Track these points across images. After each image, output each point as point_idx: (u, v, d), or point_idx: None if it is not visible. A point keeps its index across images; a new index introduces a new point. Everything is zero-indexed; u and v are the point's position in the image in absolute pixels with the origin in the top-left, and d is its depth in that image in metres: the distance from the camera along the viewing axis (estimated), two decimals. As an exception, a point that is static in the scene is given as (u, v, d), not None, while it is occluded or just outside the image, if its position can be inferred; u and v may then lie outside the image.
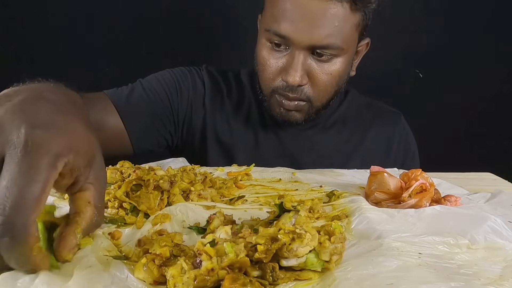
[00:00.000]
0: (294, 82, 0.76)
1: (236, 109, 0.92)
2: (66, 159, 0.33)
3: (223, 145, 0.90)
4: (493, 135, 1.43)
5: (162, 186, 0.48)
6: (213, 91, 0.92)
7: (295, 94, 0.79)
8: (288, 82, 0.77)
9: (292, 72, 0.76)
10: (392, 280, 0.33)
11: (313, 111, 0.83)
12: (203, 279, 0.31)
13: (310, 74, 0.78)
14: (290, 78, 0.76)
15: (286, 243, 0.33)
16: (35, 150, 0.31)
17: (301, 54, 0.76)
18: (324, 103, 0.84)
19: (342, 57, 0.79)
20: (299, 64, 0.76)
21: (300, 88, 0.79)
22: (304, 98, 0.80)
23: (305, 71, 0.77)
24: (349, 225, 0.46)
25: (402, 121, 0.98)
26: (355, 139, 0.94)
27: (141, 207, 0.47)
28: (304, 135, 0.91)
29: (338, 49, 0.76)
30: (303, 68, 0.77)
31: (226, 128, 0.90)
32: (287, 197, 0.54)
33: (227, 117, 0.91)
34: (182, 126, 0.90)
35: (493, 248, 0.40)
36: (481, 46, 1.35)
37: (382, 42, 1.32)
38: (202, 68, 0.95)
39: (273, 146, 0.90)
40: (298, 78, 0.76)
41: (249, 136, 0.91)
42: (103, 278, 0.33)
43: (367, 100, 1.00)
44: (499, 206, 0.52)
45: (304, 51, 0.76)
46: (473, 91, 1.39)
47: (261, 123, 0.91)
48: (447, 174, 0.68)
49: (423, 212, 0.48)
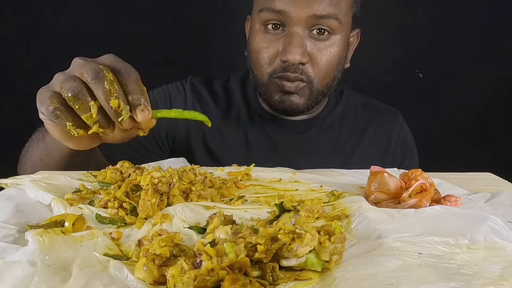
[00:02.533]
0: (295, 60, 0.73)
1: (225, 116, 0.90)
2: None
3: (214, 154, 0.88)
4: (493, 135, 1.43)
5: (161, 189, 0.48)
6: (196, 102, 0.89)
7: (296, 73, 0.76)
8: (288, 60, 0.74)
9: (292, 49, 0.73)
10: (392, 280, 0.33)
11: (313, 96, 0.81)
12: (203, 279, 0.31)
13: (310, 54, 0.76)
14: (290, 56, 0.73)
15: (286, 243, 0.33)
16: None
17: (299, 30, 0.74)
18: (324, 86, 0.81)
19: (339, 36, 0.77)
20: (298, 41, 0.74)
21: (301, 67, 0.76)
22: (305, 79, 0.77)
23: (305, 50, 0.75)
24: (349, 225, 0.46)
25: (400, 119, 0.97)
26: (353, 139, 0.92)
27: (140, 215, 0.46)
28: (300, 138, 0.89)
29: (337, 22, 0.75)
30: (302, 45, 0.74)
31: (215, 137, 0.88)
32: (287, 197, 0.54)
33: (216, 126, 0.88)
34: (168, 143, 0.88)
35: (493, 248, 0.40)
36: (481, 46, 1.36)
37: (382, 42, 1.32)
38: (186, 81, 0.93)
39: (267, 152, 0.88)
40: (299, 55, 0.73)
41: (241, 142, 0.88)
42: (103, 278, 0.33)
43: (364, 99, 0.99)
44: (499, 206, 0.52)
45: (302, 27, 0.74)
46: (473, 91, 1.39)
47: (253, 129, 0.89)
48: (447, 174, 0.68)
49: (423, 212, 0.48)
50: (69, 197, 0.51)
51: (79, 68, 0.49)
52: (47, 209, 0.49)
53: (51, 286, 0.31)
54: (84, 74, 0.49)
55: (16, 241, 0.40)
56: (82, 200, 0.51)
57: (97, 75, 0.48)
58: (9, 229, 0.42)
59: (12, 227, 0.42)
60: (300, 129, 0.89)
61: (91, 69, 0.48)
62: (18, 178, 0.55)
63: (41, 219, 0.45)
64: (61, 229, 0.41)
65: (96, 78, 0.48)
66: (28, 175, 0.57)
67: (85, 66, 0.49)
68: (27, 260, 0.34)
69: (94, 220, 0.46)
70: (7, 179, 0.55)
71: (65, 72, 0.51)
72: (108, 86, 0.48)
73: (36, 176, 0.56)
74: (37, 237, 0.37)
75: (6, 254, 0.37)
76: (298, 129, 0.89)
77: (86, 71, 0.48)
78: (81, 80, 0.49)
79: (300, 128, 0.89)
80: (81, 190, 0.53)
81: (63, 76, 0.50)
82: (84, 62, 0.49)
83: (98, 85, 0.48)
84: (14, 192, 0.52)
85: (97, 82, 0.48)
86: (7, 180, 0.55)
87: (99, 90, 0.48)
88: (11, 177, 0.56)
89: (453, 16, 1.34)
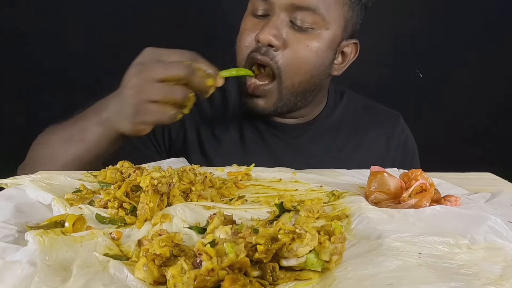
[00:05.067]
0: (265, 39, 0.73)
1: (222, 118, 0.88)
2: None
3: (208, 157, 0.86)
4: (493, 135, 1.43)
5: (161, 189, 0.48)
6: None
7: (266, 56, 0.74)
8: (260, 39, 0.73)
9: (265, 29, 0.73)
10: (392, 280, 0.33)
11: (283, 97, 0.78)
12: (203, 279, 0.31)
13: (286, 41, 0.74)
14: (262, 35, 0.73)
15: (286, 243, 0.33)
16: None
17: (280, 15, 0.74)
18: (296, 84, 0.78)
19: (323, 32, 0.76)
20: (274, 23, 0.73)
21: (272, 53, 0.74)
22: (274, 68, 0.75)
23: (280, 34, 0.74)
24: (349, 225, 0.46)
25: (401, 122, 0.95)
26: (351, 144, 0.90)
27: (139, 218, 0.46)
28: (297, 143, 0.87)
29: (319, 17, 0.74)
30: (278, 28, 0.74)
31: (212, 142, 0.87)
32: (287, 197, 0.54)
33: (212, 130, 0.87)
34: (164, 146, 0.88)
35: (493, 248, 0.40)
36: (481, 47, 1.36)
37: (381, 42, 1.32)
38: None
39: (263, 157, 0.86)
40: (270, 35, 0.73)
41: (237, 147, 0.87)
42: (103, 278, 0.33)
43: (365, 101, 0.97)
44: (499, 206, 0.52)
45: (283, 13, 0.74)
46: (473, 91, 1.39)
47: (250, 132, 0.87)
48: (447, 174, 0.68)
49: (423, 212, 0.48)
50: (69, 197, 0.51)
51: (177, 59, 0.64)
52: (47, 209, 0.49)
53: (51, 286, 0.31)
54: (181, 71, 0.62)
55: (16, 241, 0.40)
56: (82, 200, 0.51)
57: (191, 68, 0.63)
58: (9, 229, 0.42)
59: (12, 227, 0.42)
60: (296, 133, 0.88)
61: (184, 66, 0.63)
62: (18, 178, 0.55)
63: (41, 219, 0.45)
64: (61, 229, 0.41)
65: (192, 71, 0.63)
66: (28, 175, 0.57)
67: (178, 64, 0.63)
68: (27, 260, 0.34)
69: (94, 220, 0.46)
70: (7, 179, 0.55)
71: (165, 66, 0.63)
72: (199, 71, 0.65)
73: (36, 176, 0.56)
74: (37, 237, 0.37)
75: (6, 254, 0.37)
76: (294, 133, 0.88)
77: (182, 68, 0.62)
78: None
79: (296, 132, 0.88)
80: (81, 190, 0.53)
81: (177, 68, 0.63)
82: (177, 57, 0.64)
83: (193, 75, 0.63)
84: (14, 192, 0.52)
85: (192, 74, 0.63)
86: (7, 180, 0.55)
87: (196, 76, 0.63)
88: (11, 177, 0.56)
89: (454, 15, 1.34)
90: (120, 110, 0.66)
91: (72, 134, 0.71)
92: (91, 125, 0.69)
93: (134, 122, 0.65)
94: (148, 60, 0.65)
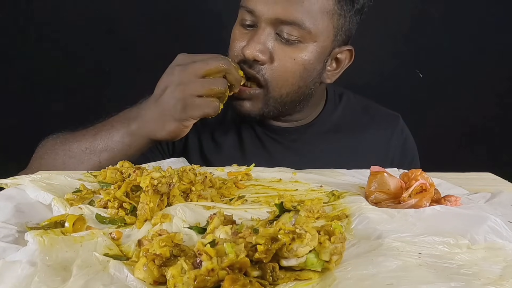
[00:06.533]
0: (250, 54, 0.73)
1: (221, 122, 0.88)
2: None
3: (210, 164, 0.85)
4: (493, 135, 1.43)
5: (161, 189, 0.48)
6: None
7: (251, 70, 0.75)
8: (245, 54, 0.74)
9: (251, 44, 0.73)
10: (392, 280, 0.33)
11: (270, 105, 0.78)
12: (203, 279, 0.31)
13: (272, 55, 0.75)
14: (247, 50, 0.73)
15: (286, 243, 0.33)
16: None
17: (266, 29, 0.74)
18: (283, 95, 0.78)
19: (311, 45, 0.75)
20: (260, 38, 0.73)
21: (257, 65, 0.75)
22: (261, 80, 0.76)
23: (266, 48, 0.74)
24: (349, 225, 0.46)
25: (400, 123, 0.94)
26: (350, 147, 0.89)
27: (139, 218, 0.46)
28: (296, 146, 0.87)
29: (305, 31, 0.73)
30: (263, 43, 0.74)
31: (211, 146, 0.87)
32: (287, 197, 0.54)
33: (212, 134, 0.88)
34: (168, 150, 0.88)
35: (493, 248, 0.40)
36: (481, 47, 1.36)
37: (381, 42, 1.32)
38: None
39: (264, 162, 0.85)
40: (255, 51, 0.73)
41: (236, 151, 0.87)
42: (103, 278, 0.33)
43: (364, 102, 0.96)
44: (499, 206, 0.52)
45: (269, 27, 0.73)
46: (473, 91, 1.39)
47: (248, 136, 0.87)
48: (447, 174, 0.68)
49: (423, 212, 0.48)
50: (69, 197, 0.51)
51: (215, 63, 0.69)
52: (47, 209, 0.49)
53: (51, 286, 0.31)
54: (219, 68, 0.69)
55: (16, 241, 0.40)
56: (82, 200, 0.51)
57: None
58: (9, 229, 0.42)
59: (12, 227, 0.42)
60: (294, 136, 0.87)
61: (222, 58, 0.70)
62: (18, 178, 0.55)
63: (41, 219, 0.45)
64: (61, 229, 0.41)
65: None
66: (28, 175, 0.57)
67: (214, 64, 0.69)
68: (27, 260, 0.34)
69: (94, 220, 0.46)
70: (7, 179, 0.55)
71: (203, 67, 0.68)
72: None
73: (36, 176, 0.56)
74: (37, 237, 0.37)
75: (6, 254, 0.37)
76: (293, 136, 0.87)
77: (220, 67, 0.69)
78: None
79: (294, 135, 0.87)
80: (81, 190, 0.53)
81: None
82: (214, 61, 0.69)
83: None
84: (14, 192, 0.52)
85: (230, 65, 0.70)
86: (7, 180, 0.55)
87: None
88: (11, 177, 0.56)
89: (454, 15, 1.34)
90: (160, 115, 0.69)
91: (95, 144, 0.72)
92: (119, 135, 0.72)
93: (181, 119, 0.69)
94: (184, 62, 0.69)
